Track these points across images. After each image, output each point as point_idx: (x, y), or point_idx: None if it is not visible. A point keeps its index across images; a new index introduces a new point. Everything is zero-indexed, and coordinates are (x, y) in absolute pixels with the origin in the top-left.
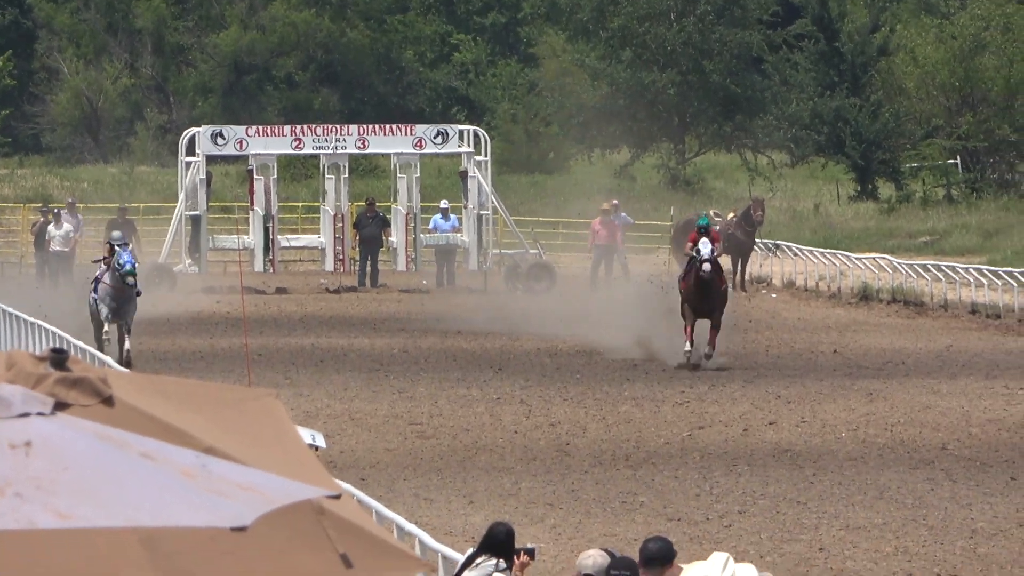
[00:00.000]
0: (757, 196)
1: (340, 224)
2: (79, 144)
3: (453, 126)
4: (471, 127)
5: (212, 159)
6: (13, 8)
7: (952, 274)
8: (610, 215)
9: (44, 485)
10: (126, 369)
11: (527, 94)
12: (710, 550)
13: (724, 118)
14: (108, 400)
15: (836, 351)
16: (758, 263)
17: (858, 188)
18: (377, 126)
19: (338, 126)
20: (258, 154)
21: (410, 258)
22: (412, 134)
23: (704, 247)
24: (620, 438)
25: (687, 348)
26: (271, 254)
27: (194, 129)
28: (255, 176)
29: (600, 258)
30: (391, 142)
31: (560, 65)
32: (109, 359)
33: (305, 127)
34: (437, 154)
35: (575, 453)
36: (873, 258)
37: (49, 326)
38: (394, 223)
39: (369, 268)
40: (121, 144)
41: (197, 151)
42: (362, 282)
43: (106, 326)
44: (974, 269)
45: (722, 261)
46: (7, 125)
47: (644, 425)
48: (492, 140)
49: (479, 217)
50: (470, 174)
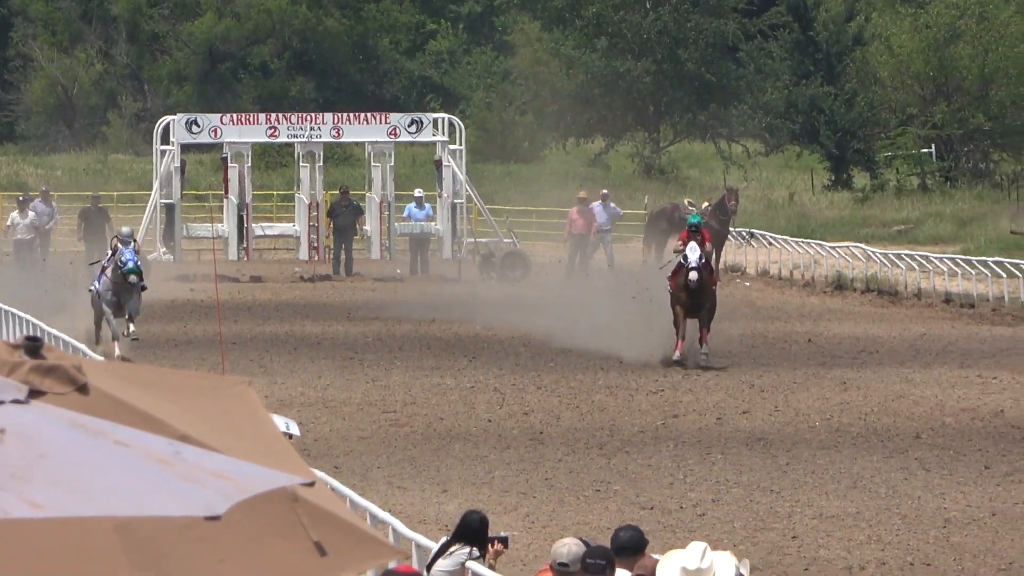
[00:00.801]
0: (731, 185)
1: (315, 212)
2: (53, 132)
3: (428, 115)
4: (445, 116)
5: (187, 147)
6: None
7: (926, 263)
8: (587, 204)
9: (18, 474)
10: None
11: (502, 82)
12: (684, 538)
13: (699, 107)
14: (83, 388)
15: (810, 340)
16: (732, 252)
17: (832, 177)
18: (352, 115)
19: (313, 114)
20: (233, 142)
21: (384, 247)
22: (387, 123)
23: (692, 253)
24: (594, 426)
25: (676, 357)
26: (245, 242)
27: (169, 117)
28: (229, 164)
29: (577, 247)
30: (366, 131)
31: (535, 54)
32: (88, 349)
33: (280, 115)
34: (411, 143)
35: (549, 441)
36: (847, 247)
37: (22, 313)
38: (368, 212)
39: (343, 256)
40: (95, 132)
41: (172, 139)
42: (336, 270)
43: (111, 320)
44: (948, 258)
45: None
46: None
47: (618, 413)
48: (466, 129)
49: (453, 206)
50: (444, 163)
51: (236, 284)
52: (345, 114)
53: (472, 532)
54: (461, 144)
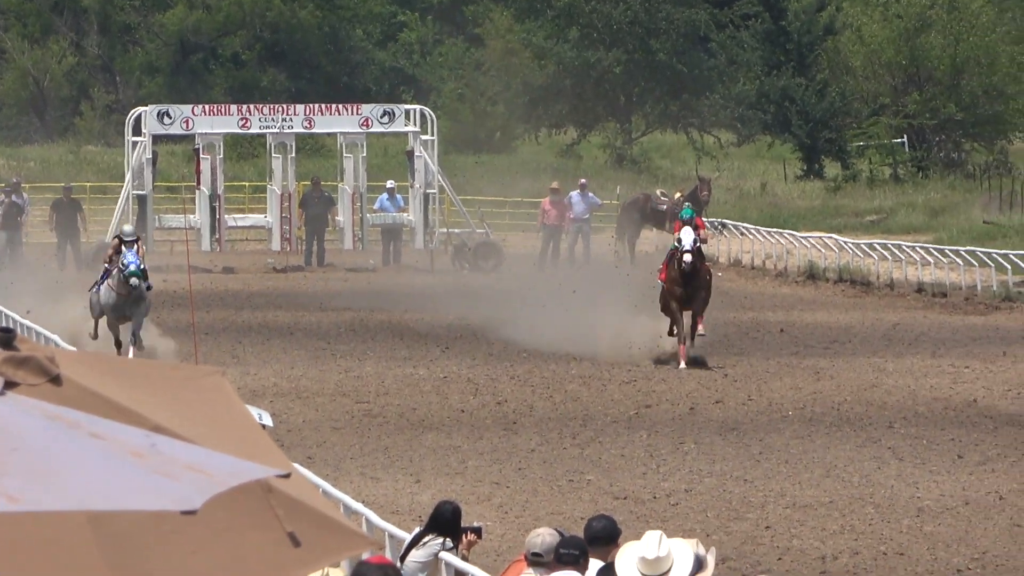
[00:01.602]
0: (704, 175)
1: (287, 204)
2: (25, 124)
3: (399, 106)
4: (417, 107)
5: (158, 138)
6: None
7: (898, 253)
8: (560, 195)
9: None
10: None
11: (473, 73)
12: (657, 528)
13: (670, 97)
14: (56, 379)
15: (783, 330)
16: None
17: (804, 167)
18: (324, 106)
19: (285, 105)
20: (205, 133)
21: (357, 237)
22: (359, 114)
23: (687, 236)
24: (567, 416)
25: (682, 366)
26: (218, 233)
27: (141, 108)
28: (201, 155)
29: (550, 238)
30: (338, 122)
31: (506, 44)
32: (61, 340)
33: (252, 106)
34: (383, 133)
35: (522, 431)
36: (819, 237)
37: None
38: (340, 203)
39: (316, 247)
40: (67, 124)
41: (143, 130)
42: (308, 261)
43: (115, 330)
44: (920, 248)
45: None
46: None
47: (591, 403)
48: (438, 119)
49: (425, 196)
50: (416, 153)
51: (208, 275)
52: (317, 105)
53: (445, 522)
54: (433, 135)
